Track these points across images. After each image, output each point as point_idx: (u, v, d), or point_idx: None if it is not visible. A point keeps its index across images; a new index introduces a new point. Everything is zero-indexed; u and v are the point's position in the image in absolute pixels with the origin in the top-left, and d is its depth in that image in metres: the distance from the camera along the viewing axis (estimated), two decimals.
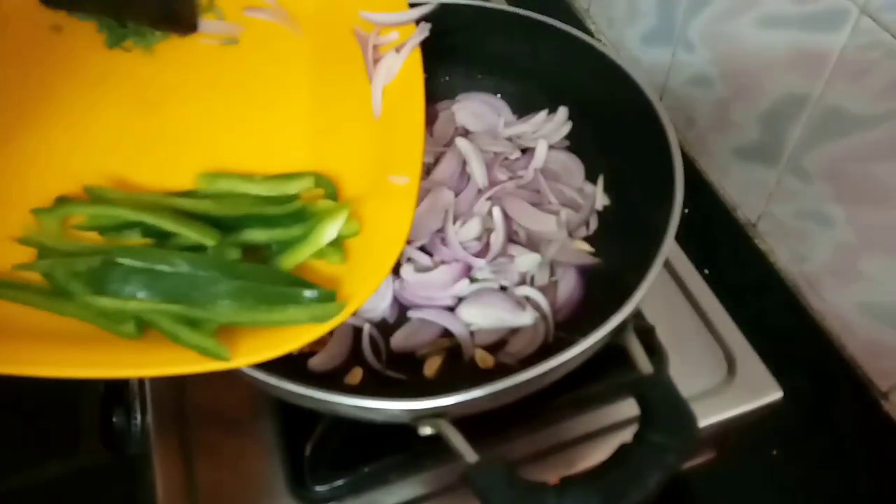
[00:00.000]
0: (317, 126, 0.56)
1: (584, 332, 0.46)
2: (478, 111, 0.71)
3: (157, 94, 0.56)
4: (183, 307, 0.44)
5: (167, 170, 0.52)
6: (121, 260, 0.44)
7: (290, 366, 0.55)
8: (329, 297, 0.45)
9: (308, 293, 0.45)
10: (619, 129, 0.62)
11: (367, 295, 0.46)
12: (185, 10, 0.58)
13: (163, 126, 0.54)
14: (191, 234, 0.46)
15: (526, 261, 0.60)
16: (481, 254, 0.60)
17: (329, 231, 0.47)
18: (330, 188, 0.52)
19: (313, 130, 0.55)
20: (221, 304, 0.44)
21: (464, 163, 0.66)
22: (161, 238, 0.47)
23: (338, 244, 0.48)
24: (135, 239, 0.48)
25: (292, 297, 0.44)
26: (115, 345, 0.43)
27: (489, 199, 0.63)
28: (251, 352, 0.43)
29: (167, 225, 0.47)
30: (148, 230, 0.47)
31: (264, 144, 0.54)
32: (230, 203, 0.49)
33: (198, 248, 0.47)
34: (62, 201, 0.49)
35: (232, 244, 0.47)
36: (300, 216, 0.49)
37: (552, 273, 0.61)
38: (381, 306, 0.58)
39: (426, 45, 0.68)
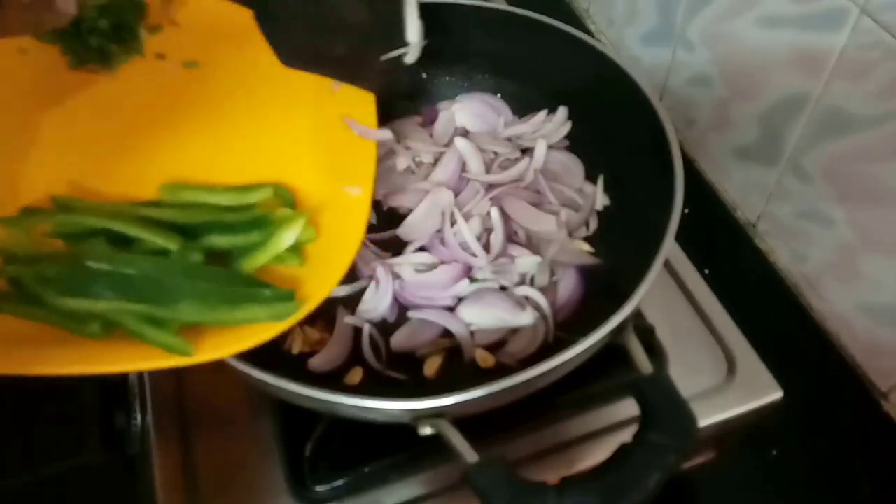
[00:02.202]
0: (275, 141, 0.58)
1: (584, 332, 0.46)
2: (478, 111, 0.71)
3: (122, 111, 0.57)
4: (148, 307, 0.45)
5: (131, 182, 0.53)
6: (88, 263, 0.46)
7: (290, 366, 0.55)
8: (288, 296, 0.47)
9: (267, 292, 0.47)
10: (618, 129, 0.62)
11: (324, 294, 0.49)
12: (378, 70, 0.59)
13: (127, 141, 0.56)
14: (154, 239, 0.48)
15: (526, 262, 0.60)
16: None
17: (287, 237, 0.50)
18: (288, 198, 0.54)
19: (272, 145, 0.57)
20: (185, 304, 0.46)
21: (464, 163, 0.66)
22: (125, 246, 0.49)
23: (296, 249, 0.51)
24: (100, 247, 0.49)
25: (253, 296, 0.47)
26: (82, 344, 0.45)
27: (489, 199, 0.63)
28: (214, 348, 0.45)
29: (132, 231, 0.48)
30: (113, 238, 0.49)
31: (225, 159, 0.56)
32: (192, 211, 0.52)
33: (162, 254, 0.49)
34: (28, 212, 0.50)
35: (195, 249, 0.49)
36: (260, 223, 0.51)
37: (552, 273, 0.61)
38: (381, 307, 0.58)
39: (426, 46, 0.68)
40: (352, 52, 0.58)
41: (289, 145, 0.58)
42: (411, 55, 0.58)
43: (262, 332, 0.46)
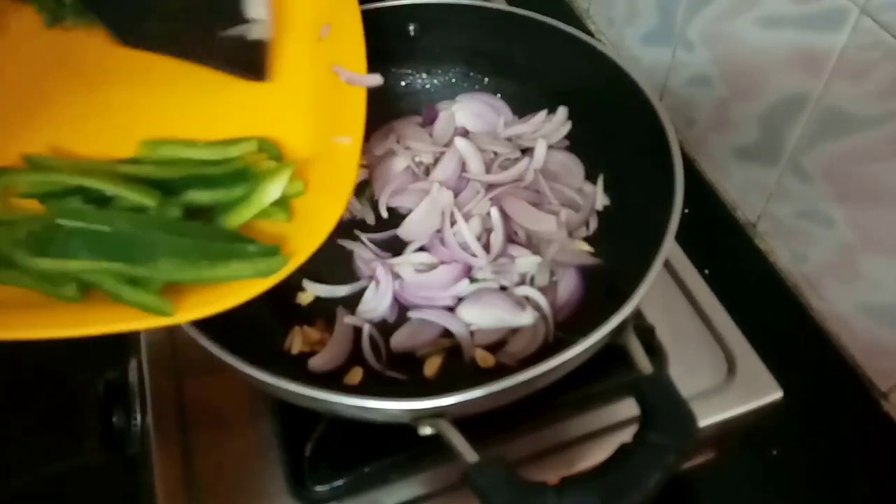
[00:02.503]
0: (260, 92, 0.56)
1: (584, 332, 0.46)
2: (478, 111, 0.71)
3: (99, 69, 0.56)
4: (125, 266, 0.43)
5: (110, 140, 0.52)
6: (61, 221, 0.44)
7: (290, 366, 0.55)
8: (273, 251, 0.45)
9: (251, 247, 0.45)
10: (618, 129, 0.62)
11: (311, 249, 0.47)
12: (256, 58, 0.57)
13: (105, 98, 0.54)
14: (131, 195, 0.46)
15: (526, 262, 0.60)
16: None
17: (272, 190, 0.48)
18: (273, 151, 0.52)
19: (255, 97, 0.56)
20: (164, 261, 0.44)
21: (464, 163, 0.66)
22: (102, 204, 0.47)
23: (283, 203, 0.49)
24: (74, 204, 0.47)
25: (236, 252, 0.45)
26: (58, 307, 0.43)
27: (489, 199, 0.63)
28: (195, 307, 0.43)
29: (107, 187, 0.46)
30: (89, 197, 0.47)
31: (208, 113, 0.54)
32: (171, 166, 0.50)
33: (140, 211, 0.47)
34: (1, 172, 0.48)
35: (174, 204, 0.47)
36: (243, 176, 0.49)
37: (552, 273, 0.61)
38: (381, 307, 0.58)
39: (426, 46, 0.68)
40: (194, 30, 0.56)
41: (274, 96, 0.56)
42: (260, 31, 0.55)
43: (245, 290, 0.44)
